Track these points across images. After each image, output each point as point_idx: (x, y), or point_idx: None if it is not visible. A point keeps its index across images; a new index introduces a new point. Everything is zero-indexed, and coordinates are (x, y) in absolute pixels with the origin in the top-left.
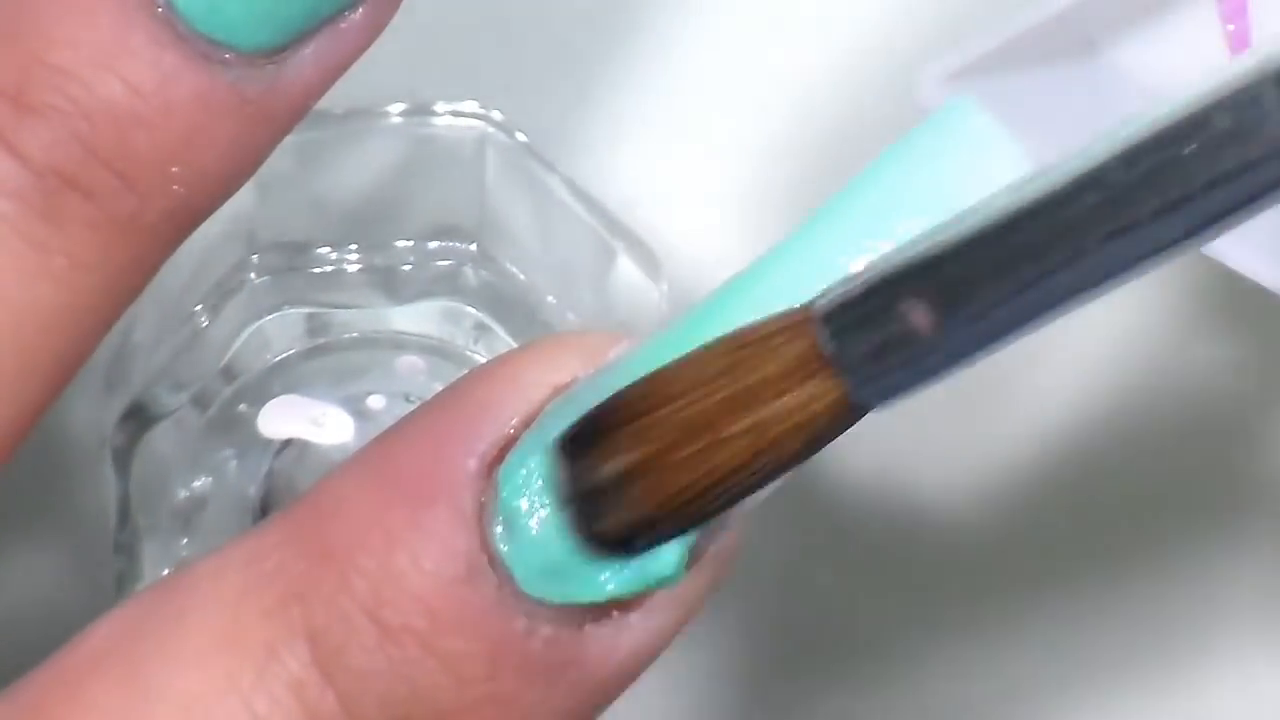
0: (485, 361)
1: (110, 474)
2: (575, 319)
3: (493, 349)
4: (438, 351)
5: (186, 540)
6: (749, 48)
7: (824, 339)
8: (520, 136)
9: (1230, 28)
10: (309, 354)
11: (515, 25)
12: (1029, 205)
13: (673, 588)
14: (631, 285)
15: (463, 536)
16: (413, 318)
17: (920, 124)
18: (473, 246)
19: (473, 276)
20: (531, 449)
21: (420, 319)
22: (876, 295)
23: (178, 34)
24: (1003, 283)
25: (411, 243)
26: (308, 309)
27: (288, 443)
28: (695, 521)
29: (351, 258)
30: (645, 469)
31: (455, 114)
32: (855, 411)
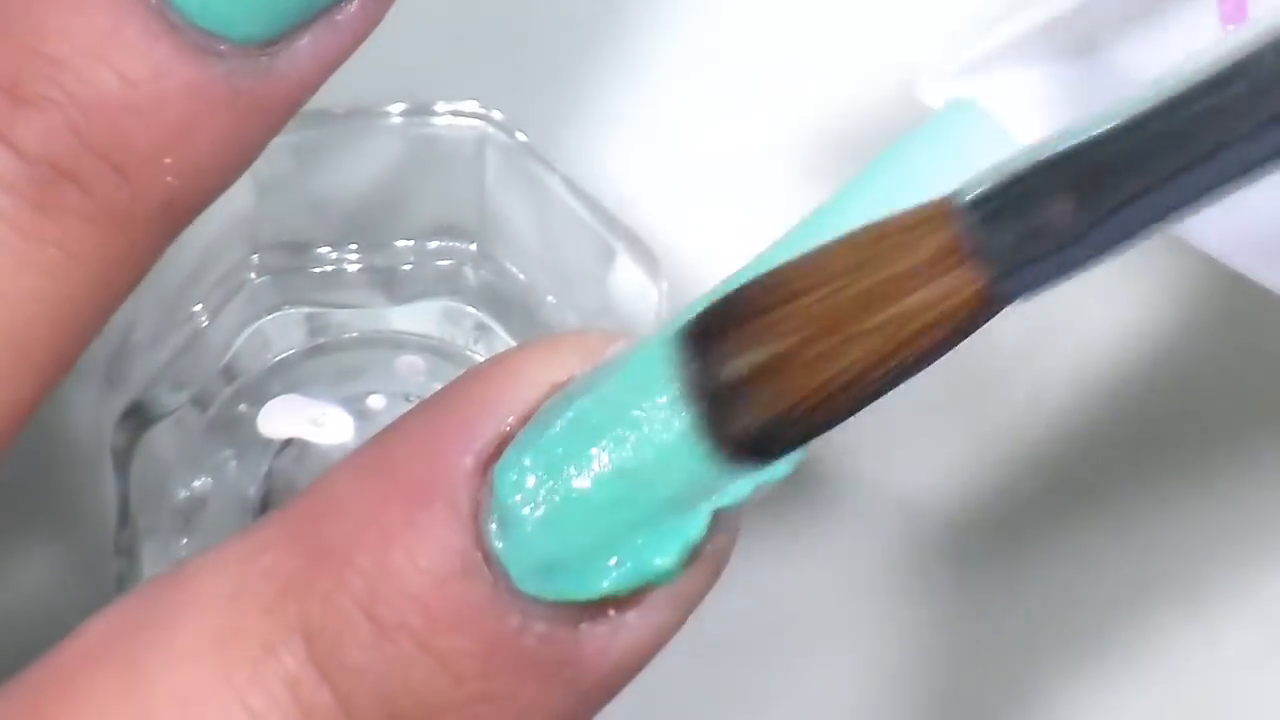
0: (482, 360)
1: (110, 474)
2: (575, 319)
3: (493, 349)
4: (438, 351)
5: (186, 540)
6: (749, 48)
7: (965, 231)
8: (520, 136)
9: (1230, 28)
10: (309, 354)
11: (515, 25)
12: (1173, 96)
13: (670, 585)
14: (631, 285)
15: (458, 534)
16: (413, 318)
17: (922, 123)
18: (473, 246)
19: (473, 276)
20: (528, 446)
21: (420, 319)
22: (1019, 186)
23: (171, 25)
24: (1146, 174)
25: (411, 243)
26: (308, 309)
27: (288, 443)
28: (828, 424)
29: (351, 258)
30: (777, 367)
31: (455, 114)
32: (995, 305)
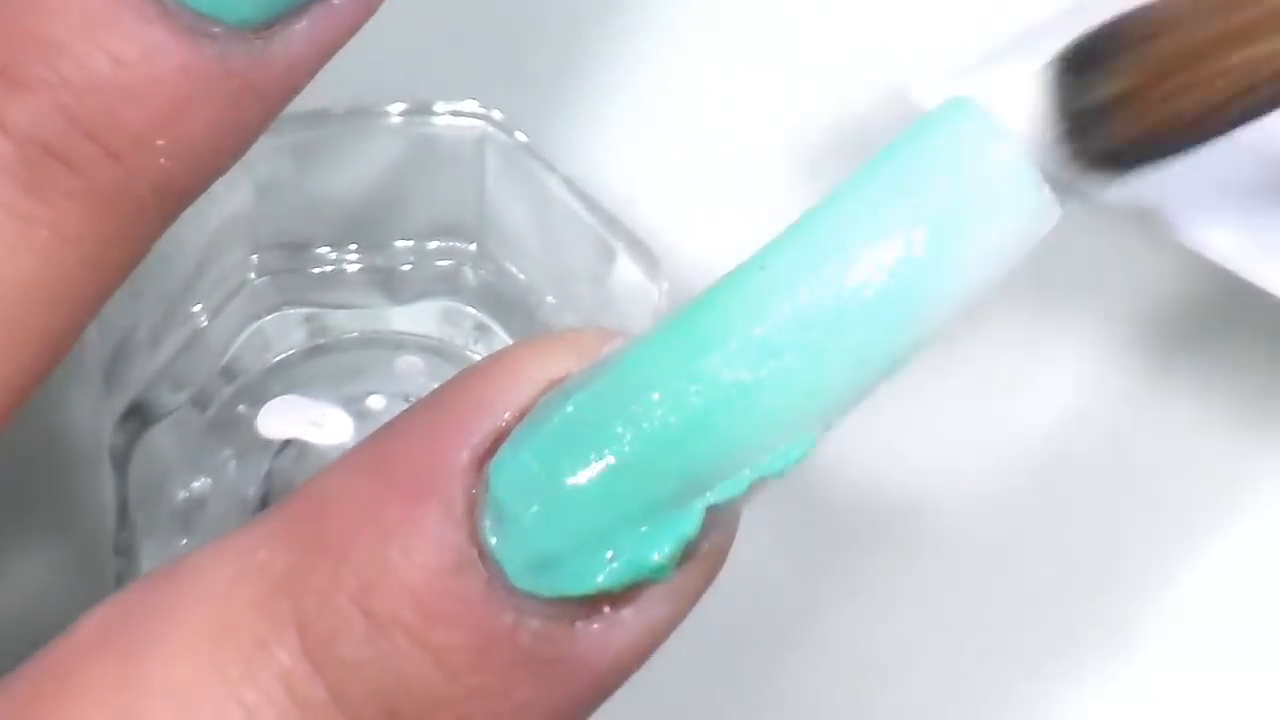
0: (480, 359)
1: (109, 474)
2: (575, 319)
3: (492, 349)
4: (437, 352)
5: (186, 540)
6: (749, 48)
7: None
8: (520, 136)
9: None
10: (309, 354)
11: (515, 25)
12: None
13: (665, 582)
14: (631, 285)
15: (452, 530)
16: (412, 318)
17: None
18: (472, 246)
19: (472, 276)
20: (523, 443)
21: (420, 319)
22: None
23: (164, 8)
24: None
25: (411, 243)
26: (307, 309)
27: (287, 443)
28: (1186, 145)
29: (351, 258)
30: (1140, 93)
31: (455, 114)
32: None
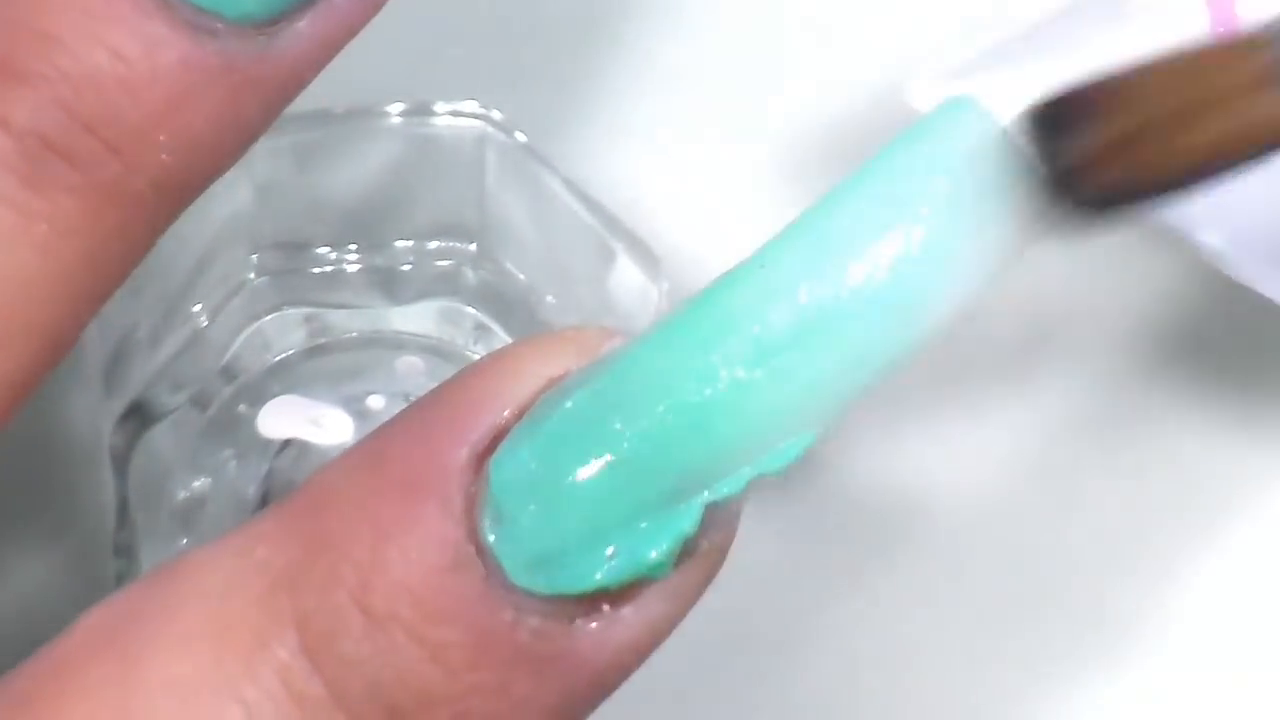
0: (480, 358)
1: (109, 474)
2: (575, 319)
3: (492, 349)
4: (437, 352)
5: (186, 541)
6: (749, 48)
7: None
8: (520, 136)
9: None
10: (309, 354)
11: (515, 25)
12: None
13: (664, 580)
14: (631, 285)
15: (451, 527)
16: (412, 318)
17: (920, 119)
18: (472, 246)
19: (472, 276)
20: (522, 440)
21: (420, 319)
22: None
23: (165, 3)
24: None
25: (411, 243)
26: (307, 309)
27: (287, 443)
28: (1163, 195)
29: (351, 258)
30: (1125, 146)
31: (455, 114)
32: None
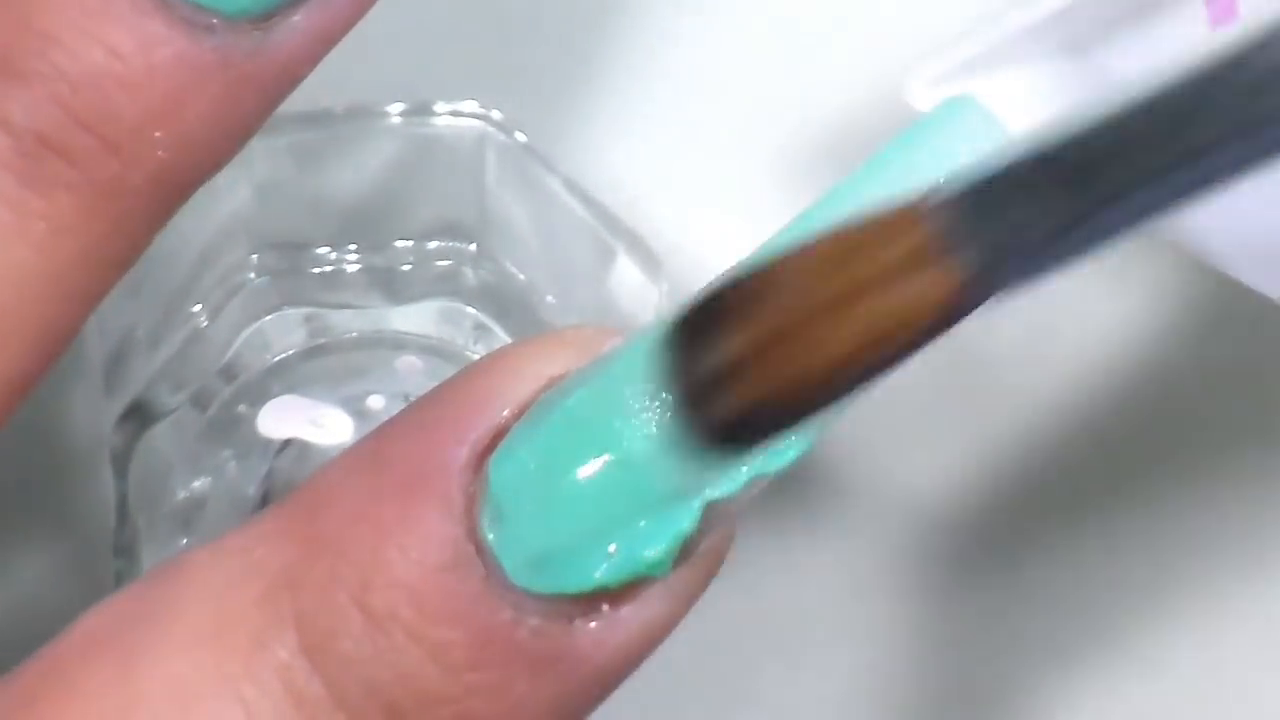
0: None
1: (109, 474)
2: (575, 319)
3: (492, 349)
4: (437, 352)
5: (186, 541)
6: (749, 48)
7: (939, 229)
8: (520, 136)
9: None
10: (309, 354)
11: (515, 25)
12: (1162, 93)
13: (664, 579)
14: (631, 285)
15: (450, 526)
16: (412, 318)
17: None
18: (473, 246)
19: (472, 276)
20: (522, 439)
21: (420, 319)
22: (1000, 182)
23: (162, 0)
24: (1130, 169)
25: (411, 243)
26: (307, 309)
27: (287, 443)
28: (808, 412)
29: (351, 258)
30: (748, 363)
31: (455, 114)
32: (969, 303)
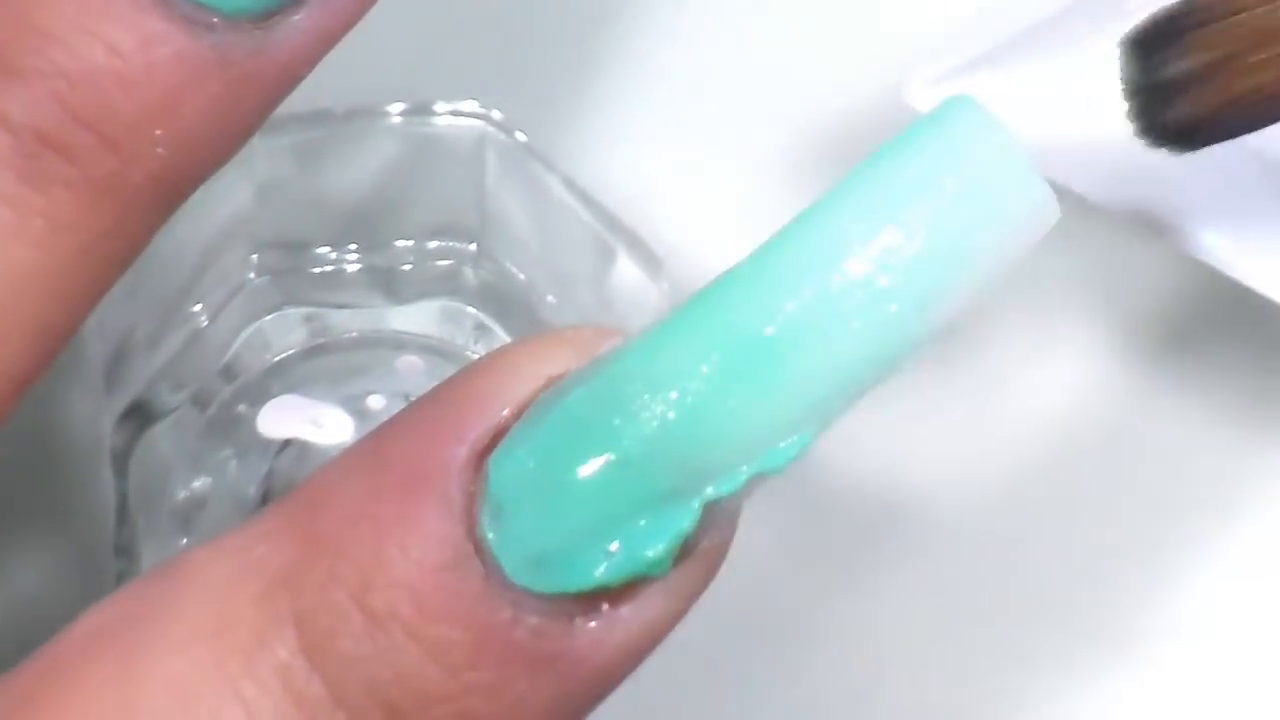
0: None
1: (109, 474)
2: (575, 319)
3: (492, 349)
4: (437, 351)
5: (186, 540)
6: (749, 48)
7: None
8: (520, 136)
9: None
10: (309, 354)
11: (515, 25)
12: None
13: (664, 578)
14: (631, 285)
15: (450, 525)
16: (412, 318)
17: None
18: (473, 246)
19: (473, 276)
20: (521, 438)
21: (420, 319)
22: None
23: None
24: None
25: (411, 243)
26: (307, 309)
27: (288, 443)
28: (1256, 123)
29: (351, 258)
30: (1215, 71)
31: (455, 114)
32: None
